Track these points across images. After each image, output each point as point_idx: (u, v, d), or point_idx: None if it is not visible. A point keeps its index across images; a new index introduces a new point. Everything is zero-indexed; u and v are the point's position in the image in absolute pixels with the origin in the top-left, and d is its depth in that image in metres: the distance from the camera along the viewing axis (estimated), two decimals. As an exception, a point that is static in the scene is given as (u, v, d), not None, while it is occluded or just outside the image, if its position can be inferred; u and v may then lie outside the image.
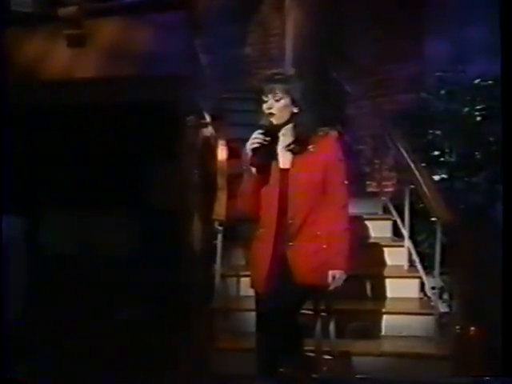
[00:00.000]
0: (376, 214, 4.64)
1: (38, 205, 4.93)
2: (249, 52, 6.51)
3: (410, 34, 5.06)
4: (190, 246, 4.21)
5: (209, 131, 4.71)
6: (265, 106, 2.69)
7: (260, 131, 2.64)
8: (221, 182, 3.84)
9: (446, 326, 3.70)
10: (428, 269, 3.97)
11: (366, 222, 4.38)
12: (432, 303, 3.81)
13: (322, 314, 3.07)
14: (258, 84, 2.73)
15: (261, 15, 6.53)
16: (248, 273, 2.99)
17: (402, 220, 4.25)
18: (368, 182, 5.21)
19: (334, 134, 2.77)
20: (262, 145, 2.62)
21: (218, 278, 3.83)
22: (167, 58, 4.50)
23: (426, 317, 3.72)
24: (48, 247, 4.96)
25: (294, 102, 2.69)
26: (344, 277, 2.73)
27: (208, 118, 4.76)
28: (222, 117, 4.81)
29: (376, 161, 5.05)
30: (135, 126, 4.79)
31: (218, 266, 3.82)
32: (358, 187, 4.76)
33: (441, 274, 3.84)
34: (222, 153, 4.11)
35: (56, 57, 4.74)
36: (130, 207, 4.74)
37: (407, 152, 4.13)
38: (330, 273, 2.71)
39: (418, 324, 3.70)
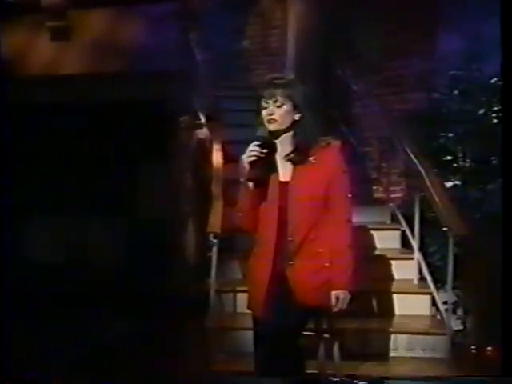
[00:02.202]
0: (383, 223, 4.62)
1: (19, 210, 4.89)
2: (247, 46, 6.48)
3: (422, 28, 5.03)
4: (183, 258, 4.19)
5: (203, 133, 4.68)
6: (265, 112, 2.66)
7: (256, 143, 2.61)
8: (216, 190, 3.80)
9: (459, 345, 3.68)
10: (440, 282, 3.95)
11: (372, 232, 4.35)
12: (444, 320, 3.78)
13: (325, 335, 3.03)
14: (258, 89, 2.70)
15: (261, 6, 6.50)
16: (245, 288, 2.96)
17: (412, 230, 4.22)
18: (375, 187, 5.17)
19: (336, 143, 2.72)
20: (259, 158, 2.59)
21: (212, 294, 3.79)
22: (159, 52, 4.48)
23: (437, 336, 3.69)
24: (31, 256, 4.93)
25: (295, 108, 2.67)
26: (348, 297, 2.70)
27: (203, 119, 4.73)
28: (217, 117, 4.77)
29: (383, 165, 5.02)
30: (123, 127, 4.76)
31: (212, 280, 3.79)
32: (363, 193, 4.73)
33: (454, 288, 3.82)
34: (217, 158, 4.07)
35: (38, 51, 4.71)
36: (118, 214, 4.70)
37: (417, 156, 4.10)
38: (333, 293, 2.68)
39: (429, 344, 3.67)
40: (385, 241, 4.38)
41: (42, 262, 4.81)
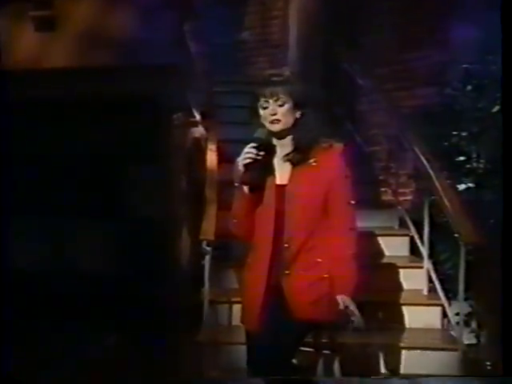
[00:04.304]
0: (391, 228, 4.60)
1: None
2: (246, 38, 6.46)
3: (433, 18, 4.97)
4: (176, 266, 4.18)
5: (199, 131, 4.68)
6: (267, 112, 2.64)
7: (253, 145, 2.59)
8: (210, 194, 3.78)
9: (473, 361, 3.65)
10: (452, 293, 3.93)
11: (379, 238, 4.33)
12: (456, 334, 3.76)
13: (325, 351, 3.02)
14: (256, 88, 2.68)
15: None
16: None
17: (421, 236, 4.20)
18: (382, 189, 5.14)
19: (339, 146, 2.71)
20: (255, 160, 2.58)
21: (206, 305, 3.77)
22: (151, 44, 4.45)
23: (448, 351, 3.67)
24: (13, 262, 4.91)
25: (296, 106, 2.66)
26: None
27: (198, 116, 4.72)
28: (213, 114, 4.76)
29: (391, 165, 5.00)
30: (114, 125, 4.74)
31: (206, 290, 3.77)
32: (369, 196, 4.74)
33: (467, 298, 3.81)
34: (211, 159, 4.05)
35: (21, 43, 4.69)
36: (106, 218, 4.68)
37: (427, 157, 4.07)
38: (340, 298, 2.62)
39: (441, 359, 3.65)
40: (392, 247, 4.36)
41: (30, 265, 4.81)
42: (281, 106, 2.63)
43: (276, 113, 2.63)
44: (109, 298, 4.21)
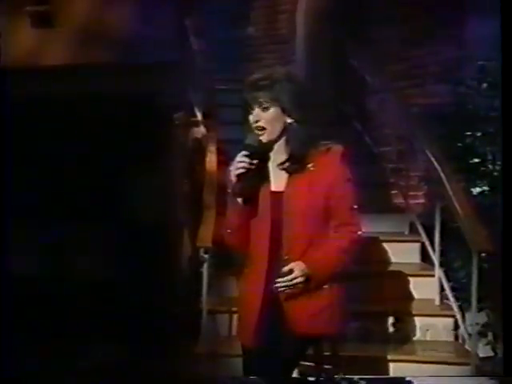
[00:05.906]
0: (400, 234, 4.56)
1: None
2: (251, 33, 6.42)
3: (446, 11, 4.90)
4: (174, 274, 4.14)
5: (200, 131, 4.64)
6: (251, 118, 2.56)
7: (245, 153, 2.51)
8: (208, 198, 3.74)
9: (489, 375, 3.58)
10: (467, 303, 3.85)
11: (388, 245, 4.28)
12: (469, 346, 3.69)
13: (327, 366, 2.95)
14: (242, 93, 2.60)
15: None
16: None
17: (433, 242, 4.14)
18: (392, 193, 5.08)
19: (338, 148, 2.63)
20: (248, 169, 2.50)
21: (204, 315, 3.74)
22: (151, 40, 4.40)
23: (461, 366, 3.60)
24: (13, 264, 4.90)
25: (284, 111, 2.56)
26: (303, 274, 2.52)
27: (199, 115, 4.67)
28: (216, 113, 4.72)
29: (401, 167, 4.94)
30: (111, 124, 4.70)
31: (204, 299, 3.73)
32: (378, 200, 4.69)
33: (482, 309, 3.78)
34: (211, 161, 4.01)
35: (16, 39, 4.66)
36: (101, 222, 4.63)
37: (439, 158, 4.00)
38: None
39: (454, 373, 3.57)
40: (402, 254, 4.30)
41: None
42: (265, 109, 2.53)
43: (259, 119, 2.53)
44: (103, 304, 4.18)
